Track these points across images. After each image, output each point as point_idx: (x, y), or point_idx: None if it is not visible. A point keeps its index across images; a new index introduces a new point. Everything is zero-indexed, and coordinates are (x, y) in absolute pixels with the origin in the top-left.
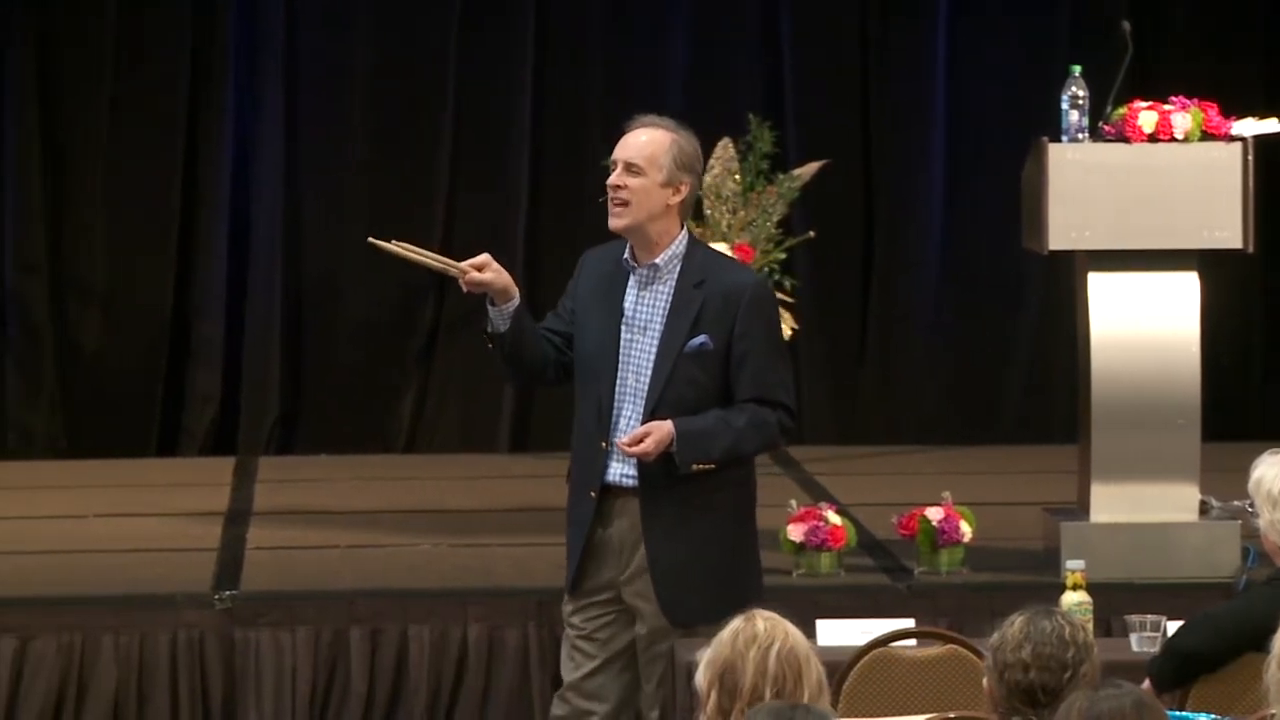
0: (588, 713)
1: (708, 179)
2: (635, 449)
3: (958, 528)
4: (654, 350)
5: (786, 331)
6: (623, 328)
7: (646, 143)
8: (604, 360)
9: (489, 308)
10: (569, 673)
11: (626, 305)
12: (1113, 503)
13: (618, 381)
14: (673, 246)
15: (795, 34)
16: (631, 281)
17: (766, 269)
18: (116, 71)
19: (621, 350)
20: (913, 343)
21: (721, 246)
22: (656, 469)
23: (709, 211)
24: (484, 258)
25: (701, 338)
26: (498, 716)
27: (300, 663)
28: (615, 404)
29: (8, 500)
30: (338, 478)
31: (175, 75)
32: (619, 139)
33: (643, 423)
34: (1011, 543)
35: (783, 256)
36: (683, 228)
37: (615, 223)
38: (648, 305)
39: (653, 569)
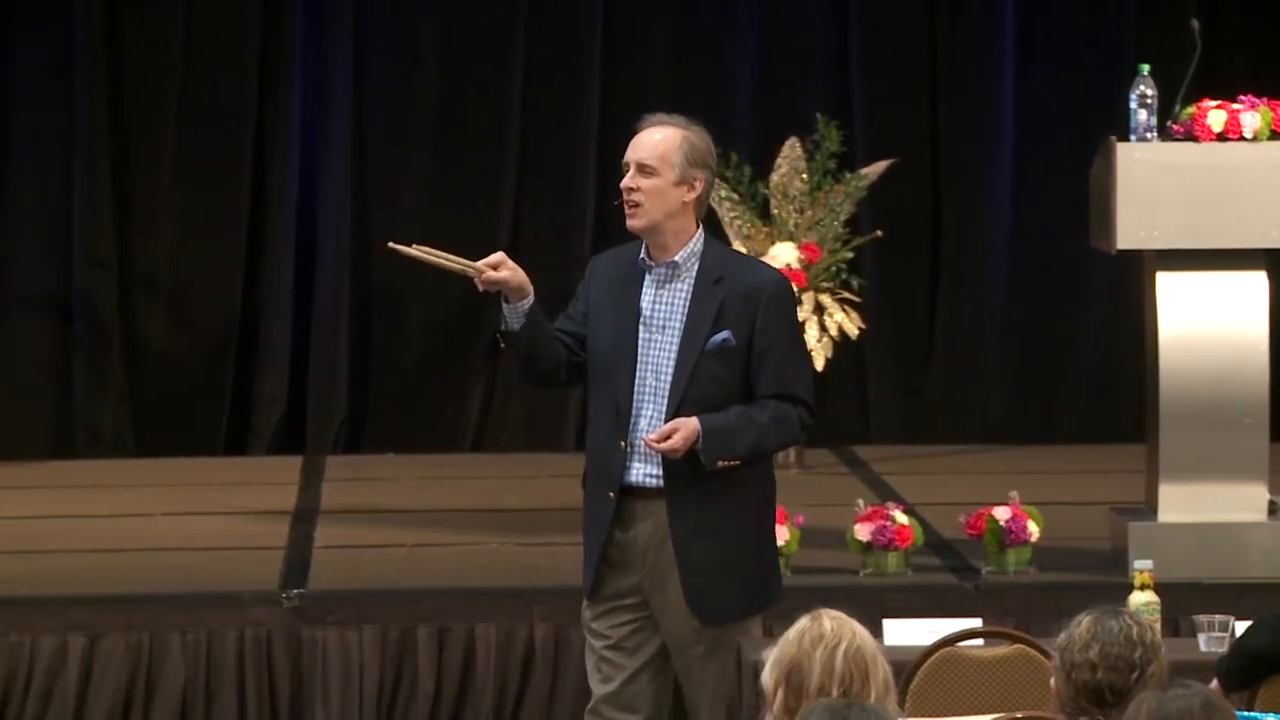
0: None
1: (774, 179)
2: (663, 445)
3: (1025, 527)
4: (675, 348)
5: (853, 331)
6: (640, 327)
7: (659, 142)
8: (621, 360)
9: (504, 305)
10: (599, 685)
11: (644, 304)
12: (1181, 502)
13: (636, 381)
14: (690, 244)
15: (863, 33)
16: (648, 281)
17: (834, 268)
18: (185, 72)
19: (640, 349)
20: (980, 342)
21: (788, 246)
22: (682, 467)
23: (776, 211)
24: (499, 256)
25: (724, 334)
26: (564, 716)
27: (367, 661)
28: (635, 404)
29: (76, 499)
30: (404, 477)
31: (243, 75)
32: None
33: (666, 422)
34: (1079, 542)
35: (850, 256)
36: (699, 225)
37: (632, 223)
38: (666, 304)
39: (681, 568)
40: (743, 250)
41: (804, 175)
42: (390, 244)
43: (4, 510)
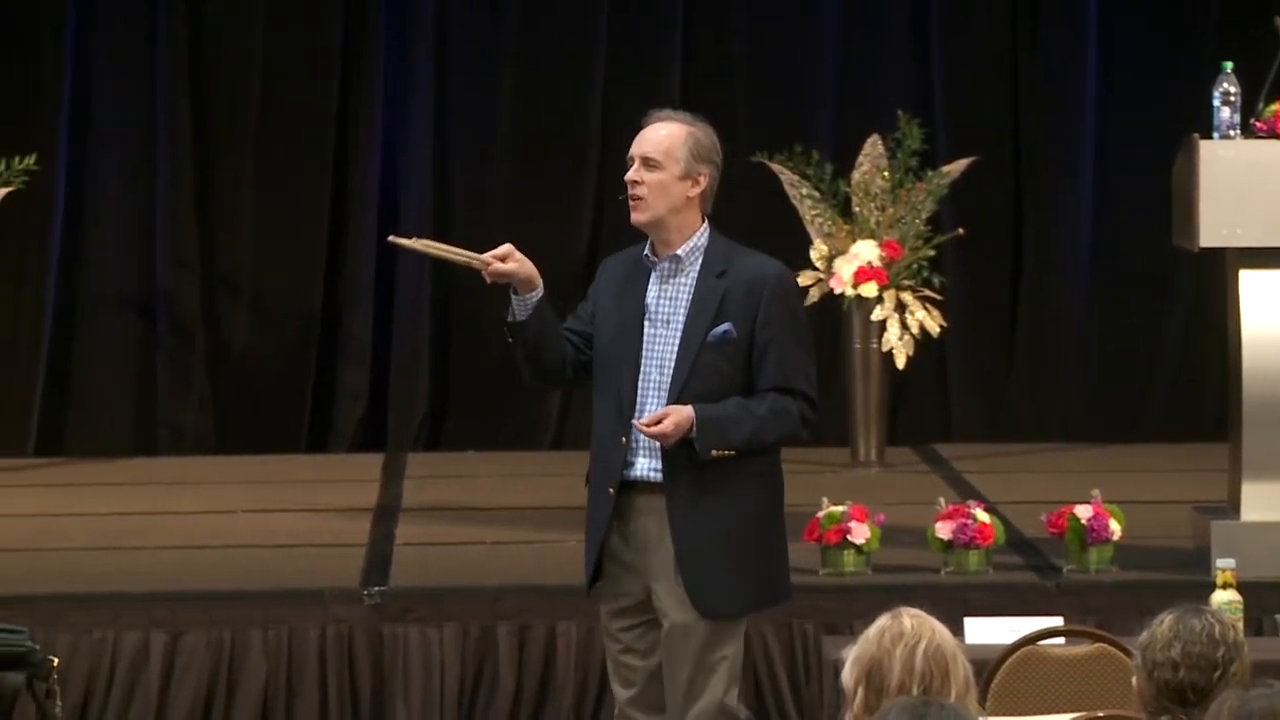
0: None
1: (855, 176)
2: (654, 430)
3: (1107, 526)
4: (677, 342)
5: (934, 329)
6: (645, 322)
7: (664, 137)
8: (625, 355)
9: (512, 296)
10: (621, 690)
11: (649, 300)
12: (1263, 501)
13: (640, 376)
14: (694, 238)
15: (945, 30)
16: (653, 277)
17: (915, 266)
18: (266, 70)
19: (645, 344)
20: (1062, 340)
21: (869, 244)
22: (681, 459)
23: (857, 208)
24: (506, 248)
25: (724, 326)
26: None
27: (448, 658)
28: (638, 398)
29: (158, 496)
30: (485, 474)
31: (325, 73)
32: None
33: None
34: (1161, 541)
35: (931, 254)
36: (704, 219)
37: (636, 218)
38: (670, 298)
39: (680, 560)
40: (824, 249)
41: (885, 173)
42: (390, 238)
43: (88, 507)
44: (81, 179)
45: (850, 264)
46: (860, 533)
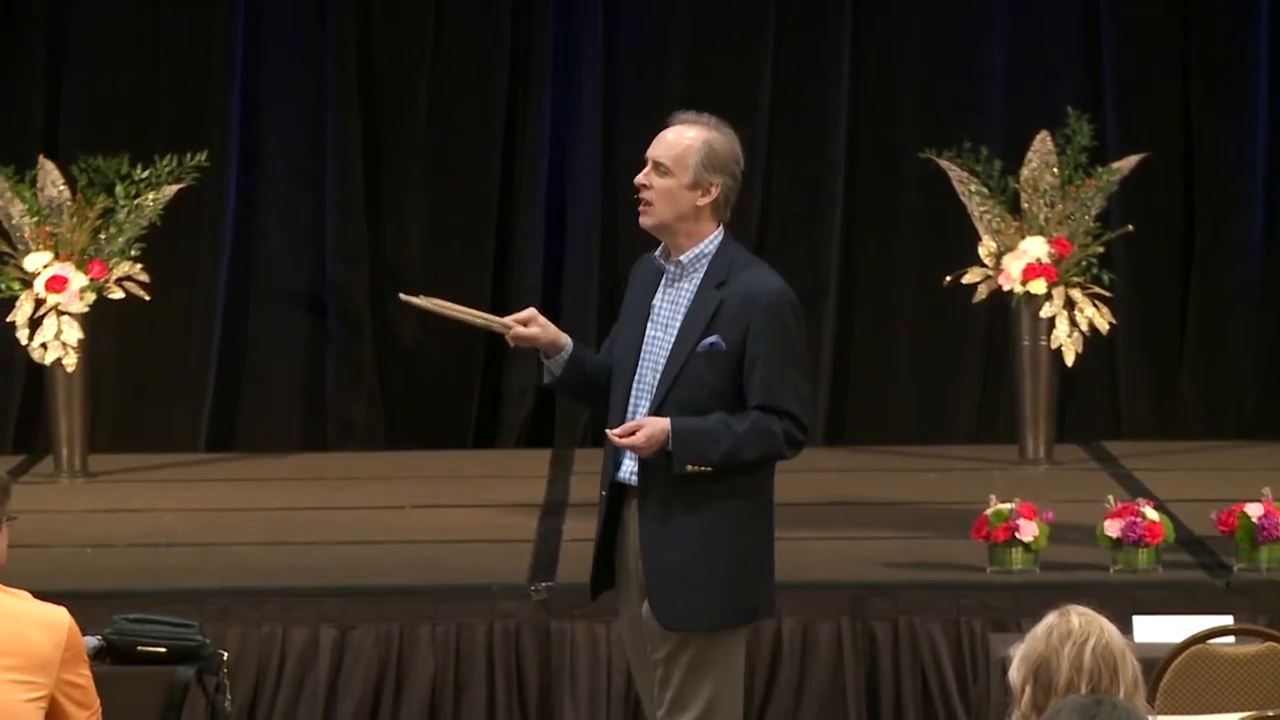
0: None
1: (1024, 173)
2: (625, 441)
3: (1278, 524)
4: (666, 354)
5: (1103, 326)
6: (649, 325)
7: (674, 143)
8: (629, 358)
9: (543, 360)
10: (647, 701)
11: (655, 302)
12: None
13: (636, 378)
14: (700, 245)
15: (1115, 26)
16: (664, 280)
17: (1084, 262)
18: (434, 71)
19: (644, 347)
20: (1233, 337)
21: (1038, 240)
22: (657, 468)
23: (1026, 205)
24: (530, 312)
25: (713, 338)
26: (812, 708)
27: (615, 654)
28: (632, 401)
29: (326, 491)
30: None
31: (494, 72)
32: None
33: None
34: None
35: (1100, 250)
36: (718, 226)
37: (643, 221)
38: (671, 303)
39: (646, 568)
40: (992, 245)
41: (1055, 169)
42: (401, 295)
43: (257, 502)
44: (252, 176)
45: (1019, 261)
46: (1028, 530)
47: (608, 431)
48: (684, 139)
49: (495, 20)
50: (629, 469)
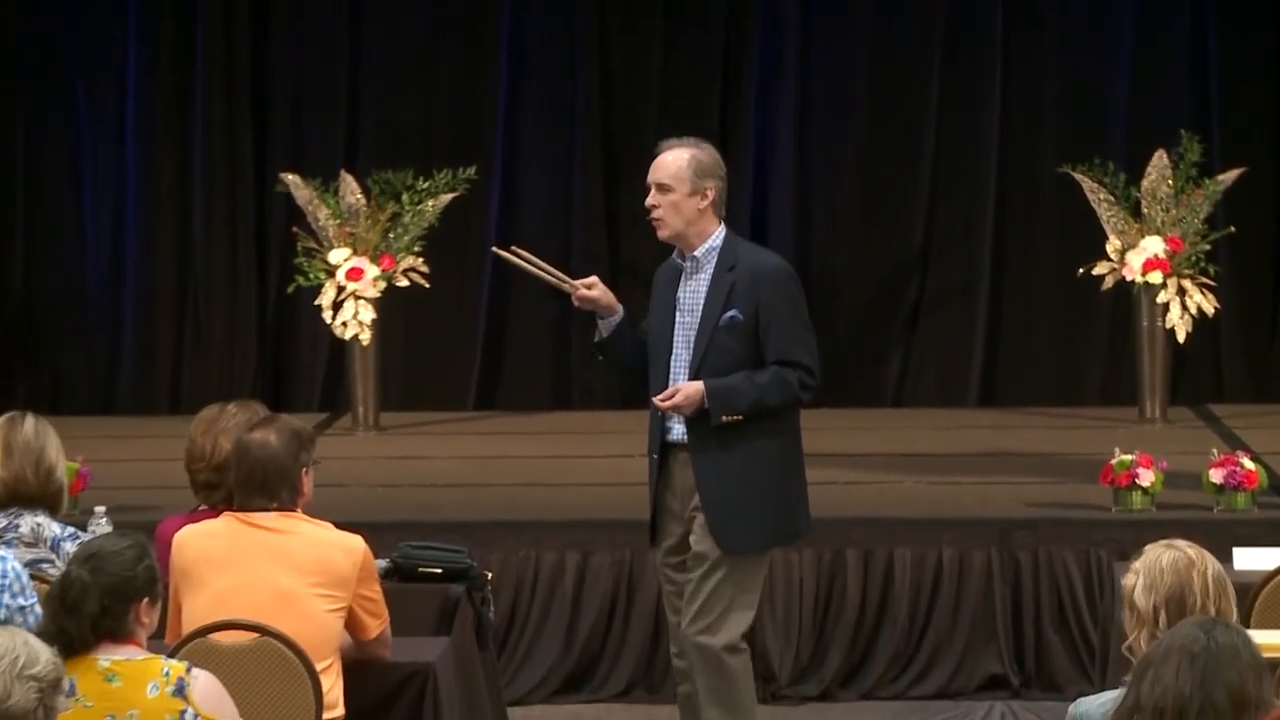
0: (680, 652)
1: (1145, 183)
2: (668, 404)
3: None
4: (694, 325)
5: (1209, 309)
6: (677, 314)
7: (670, 163)
8: (663, 343)
9: (599, 321)
10: (673, 617)
11: (679, 295)
12: None
13: (673, 358)
14: (709, 241)
15: (1221, 61)
16: (683, 276)
17: (1194, 257)
18: (663, 88)
19: (676, 332)
20: None
21: (1156, 239)
22: (702, 425)
23: (1146, 210)
24: (593, 279)
25: (731, 312)
26: (966, 623)
27: (805, 576)
28: (670, 376)
29: (573, 443)
30: (835, 427)
31: (709, 85)
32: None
33: None
34: None
35: (1207, 248)
36: (720, 223)
37: (660, 235)
38: (693, 292)
39: (704, 505)
40: (1117, 244)
41: (1170, 181)
42: (494, 249)
43: (516, 451)
44: (511, 185)
45: (1140, 256)
46: (1146, 477)
47: (653, 399)
48: (676, 158)
49: (709, 38)
50: (679, 432)
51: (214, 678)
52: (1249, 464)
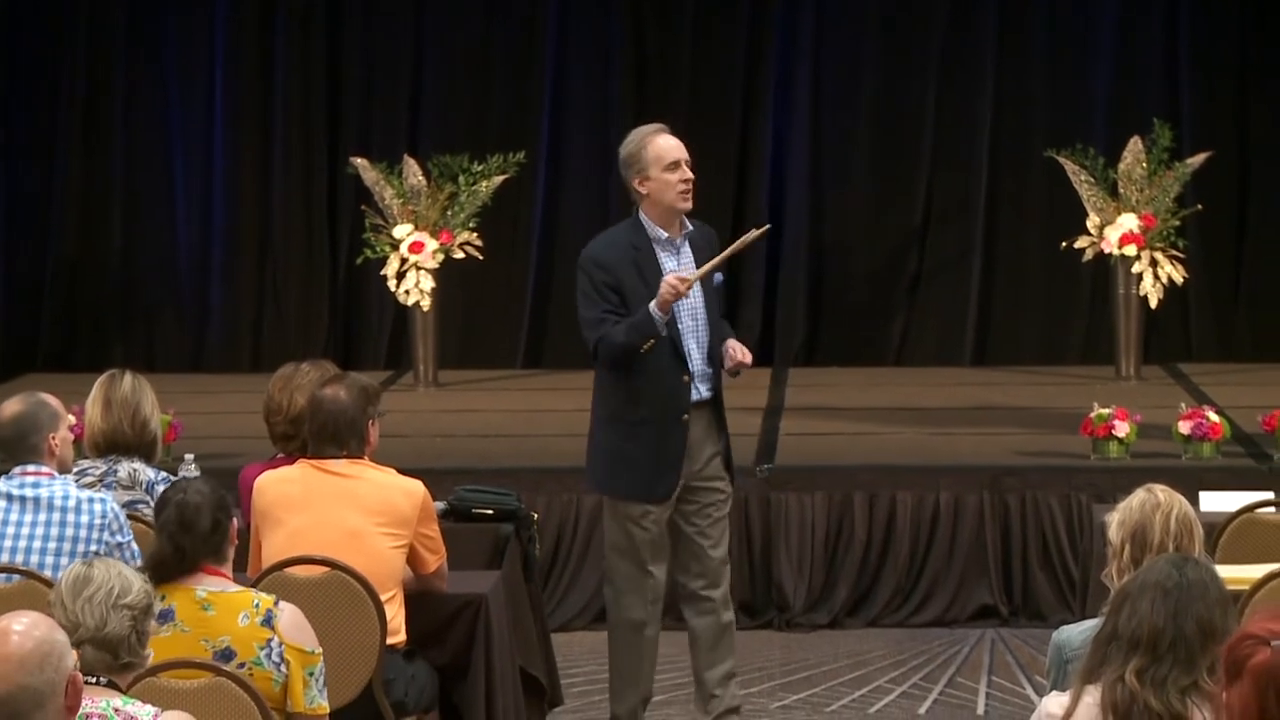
0: (657, 597)
1: (1121, 166)
2: (750, 359)
3: None
4: (699, 294)
5: (1179, 279)
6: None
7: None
8: (670, 316)
9: (657, 316)
10: (671, 560)
11: (669, 268)
12: None
13: (681, 327)
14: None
15: (1191, 56)
16: (666, 253)
17: (1165, 232)
18: (692, 83)
19: (683, 303)
20: (1276, 288)
21: (1131, 216)
22: (718, 379)
23: (1122, 190)
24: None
25: (719, 275)
26: (960, 560)
27: (817, 517)
28: (684, 343)
29: None
30: (845, 383)
31: (731, 93)
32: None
33: (707, 351)
34: None
35: (1177, 224)
36: None
37: (689, 204)
38: (688, 263)
39: (724, 452)
40: (1097, 220)
41: (1144, 164)
42: (754, 230)
43: (559, 406)
44: (556, 168)
45: (1117, 231)
46: (1122, 429)
47: (745, 355)
48: None
49: (732, 50)
50: (700, 392)
51: (298, 610)
52: (1214, 417)
